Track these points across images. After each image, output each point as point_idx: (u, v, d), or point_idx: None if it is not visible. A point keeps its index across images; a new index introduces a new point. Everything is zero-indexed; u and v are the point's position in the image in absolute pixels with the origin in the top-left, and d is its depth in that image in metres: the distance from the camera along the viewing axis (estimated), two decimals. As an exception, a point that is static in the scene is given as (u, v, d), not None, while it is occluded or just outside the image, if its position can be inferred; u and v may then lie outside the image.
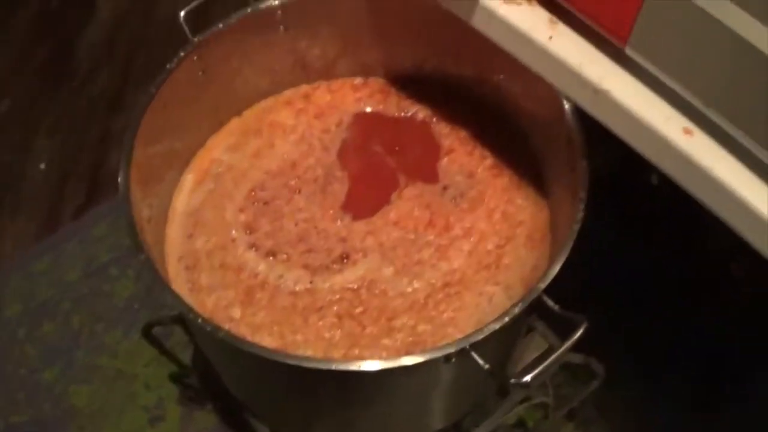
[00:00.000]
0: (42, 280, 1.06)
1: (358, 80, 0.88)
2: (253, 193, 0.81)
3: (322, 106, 0.87)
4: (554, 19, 0.68)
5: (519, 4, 0.69)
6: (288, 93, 0.88)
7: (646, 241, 0.96)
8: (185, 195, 0.82)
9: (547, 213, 0.80)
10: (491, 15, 0.69)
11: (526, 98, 0.80)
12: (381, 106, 0.87)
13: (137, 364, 1.00)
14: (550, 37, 0.67)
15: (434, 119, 0.85)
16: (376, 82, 0.88)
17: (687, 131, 0.63)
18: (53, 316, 1.03)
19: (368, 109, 0.87)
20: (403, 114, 0.86)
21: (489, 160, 0.82)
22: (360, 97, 0.87)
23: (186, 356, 0.96)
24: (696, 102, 0.62)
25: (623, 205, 0.91)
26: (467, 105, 0.85)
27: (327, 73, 0.87)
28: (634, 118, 0.64)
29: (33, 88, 1.17)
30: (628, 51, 0.64)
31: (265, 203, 0.81)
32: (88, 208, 1.10)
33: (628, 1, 0.62)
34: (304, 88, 0.88)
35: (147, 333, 0.81)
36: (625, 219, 0.94)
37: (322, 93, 0.88)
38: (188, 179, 0.83)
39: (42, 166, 1.12)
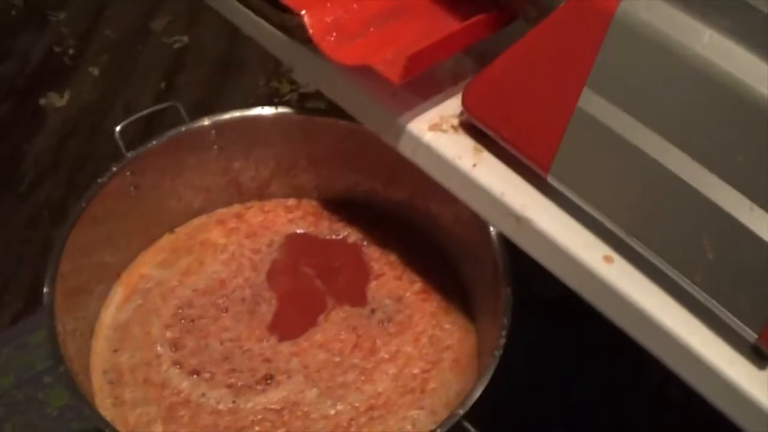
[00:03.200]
0: (-25, 385, 1.00)
1: (291, 201, 0.86)
2: (180, 311, 0.78)
3: (254, 226, 0.84)
4: (479, 146, 0.66)
5: (445, 131, 0.67)
6: (221, 212, 0.85)
7: (582, 365, 0.92)
8: (113, 309, 0.78)
9: (474, 338, 0.77)
10: (417, 142, 0.67)
11: (455, 223, 0.77)
12: (313, 228, 0.84)
13: (67, 477, 0.94)
14: (474, 165, 0.65)
15: (365, 242, 0.83)
16: (309, 204, 0.86)
17: (607, 258, 0.61)
18: (-16, 422, 0.97)
19: (300, 231, 0.84)
20: (334, 236, 0.83)
21: (418, 285, 0.80)
22: (292, 218, 0.85)
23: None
24: (616, 229, 0.60)
25: (562, 328, 0.89)
26: (398, 229, 0.83)
27: (260, 193, 0.85)
28: (555, 246, 0.62)
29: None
30: (550, 179, 0.62)
31: (192, 321, 0.77)
32: (26, 315, 1.05)
33: (551, 130, 0.61)
34: (236, 207, 0.85)
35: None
36: (562, 341, 0.91)
37: (254, 213, 0.85)
38: (117, 293, 0.79)
39: (-20, 271, 1.08)
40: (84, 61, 1.24)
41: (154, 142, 0.76)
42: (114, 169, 0.74)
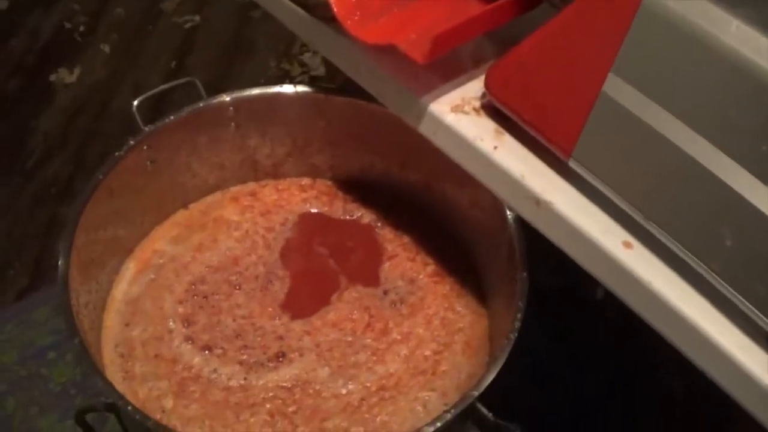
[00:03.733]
0: (-22, 361, 1.00)
1: (305, 181, 0.85)
2: (193, 287, 0.77)
3: (268, 204, 0.83)
4: (500, 129, 0.66)
5: (467, 113, 0.67)
6: (235, 189, 0.85)
7: (589, 355, 0.92)
8: (125, 283, 0.77)
9: (486, 322, 0.76)
10: (438, 123, 0.67)
11: (470, 207, 0.77)
12: (327, 208, 0.84)
13: (71, 451, 0.94)
14: (495, 147, 0.65)
15: (379, 224, 0.82)
16: (324, 184, 0.85)
17: (627, 244, 0.60)
18: (-13, 398, 0.97)
19: (314, 210, 0.83)
20: (348, 217, 0.83)
21: (431, 267, 0.79)
22: (306, 197, 0.84)
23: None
24: (636, 215, 0.59)
25: (567, 318, 0.88)
26: (413, 211, 0.83)
27: (275, 172, 0.85)
28: (575, 230, 0.62)
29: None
30: (572, 164, 0.62)
31: (205, 297, 0.76)
32: (31, 292, 1.04)
33: (574, 115, 0.61)
34: (251, 185, 0.85)
35: (80, 419, 0.75)
36: (568, 331, 0.91)
37: (269, 191, 0.84)
38: (130, 268, 0.79)
39: (-13, 247, 1.07)
40: (95, 39, 1.23)
41: (172, 117, 0.76)
42: (131, 142, 0.74)
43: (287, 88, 0.78)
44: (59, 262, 0.68)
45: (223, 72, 1.18)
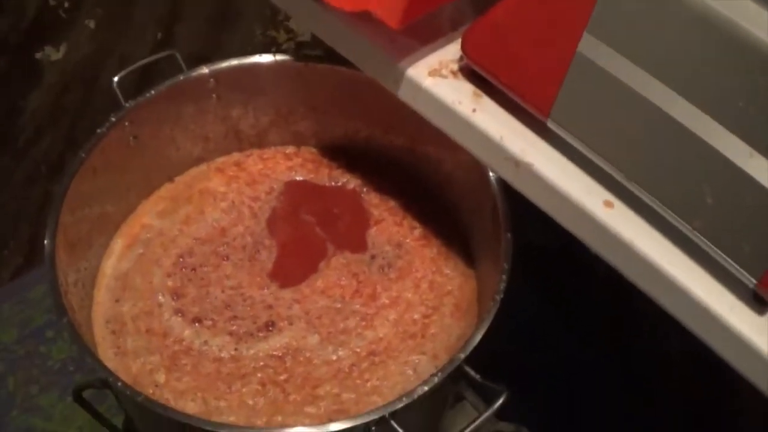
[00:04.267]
0: (-24, 342, 1.00)
1: (290, 149, 0.84)
2: (181, 260, 0.77)
3: (253, 174, 0.83)
4: (478, 92, 0.65)
5: (444, 77, 0.66)
6: (220, 160, 0.84)
7: (581, 315, 0.92)
8: (114, 259, 0.77)
9: (474, 283, 0.76)
10: (416, 88, 0.66)
11: (454, 169, 0.76)
12: (312, 175, 0.83)
13: (71, 426, 0.95)
14: (474, 110, 0.64)
15: (365, 189, 0.81)
16: (308, 152, 0.84)
17: (608, 204, 0.60)
18: (-13, 377, 0.97)
19: (299, 178, 0.82)
20: (333, 183, 0.82)
21: (418, 231, 0.79)
22: (292, 165, 0.83)
23: (120, 420, 0.90)
24: (616, 174, 0.59)
25: (559, 277, 0.88)
26: (398, 175, 0.82)
27: (259, 141, 0.84)
28: (555, 191, 0.61)
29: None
30: (550, 124, 0.61)
31: (193, 269, 0.76)
32: (26, 270, 1.04)
33: (551, 75, 0.60)
34: (236, 155, 0.84)
35: (78, 396, 0.75)
36: (560, 291, 0.90)
37: (254, 161, 0.84)
38: (118, 244, 0.78)
39: (-20, 227, 1.07)
40: (79, 14, 1.21)
41: (153, 92, 0.74)
42: (113, 119, 0.73)
43: (266, 58, 0.77)
44: (45, 242, 0.67)
45: (210, 41, 1.16)
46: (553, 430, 0.83)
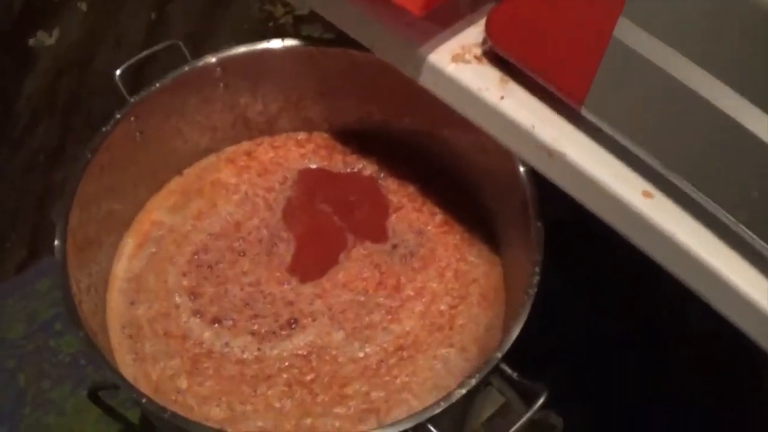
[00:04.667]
0: (-17, 338, 0.97)
1: (301, 135, 0.80)
2: (196, 257, 0.73)
3: (265, 163, 0.79)
4: (505, 77, 0.62)
5: (468, 62, 0.62)
6: (230, 150, 0.80)
7: (602, 292, 0.89)
8: (125, 260, 0.73)
9: (500, 270, 0.73)
10: (439, 74, 0.62)
11: (475, 152, 0.73)
12: (326, 162, 0.79)
13: (86, 422, 0.91)
14: (502, 97, 0.60)
15: (381, 175, 0.78)
16: (321, 137, 0.80)
17: (646, 194, 0.57)
18: (-3, 374, 0.94)
19: (313, 166, 0.79)
20: (349, 170, 0.78)
21: (439, 217, 0.75)
22: (304, 152, 0.79)
23: (134, 414, 0.88)
24: (655, 164, 0.56)
25: (579, 254, 0.85)
26: (415, 159, 0.78)
27: (269, 128, 0.80)
28: (591, 181, 0.58)
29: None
30: (584, 112, 0.58)
31: (209, 267, 0.73)
32: (30, 263, 1.00)
33: (585, 62, 0.56)
34: (246, 144, 0.80)
35: (93, 397, 0.73)
36: (580, 267, 0.87)
37: (264, 149, 0.80)
38: (128, 243, 0.74)
39: (-19, 221, 1.03)
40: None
41: (158, 85, 0.70)
42: (118, 116, 0.69)
43: (275, 43, 0.73)
44: (55, 245, 0.64)
45: (206, 18, 1.11)
46: (575, 409, 0.80)
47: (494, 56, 0.62)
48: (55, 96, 1.07)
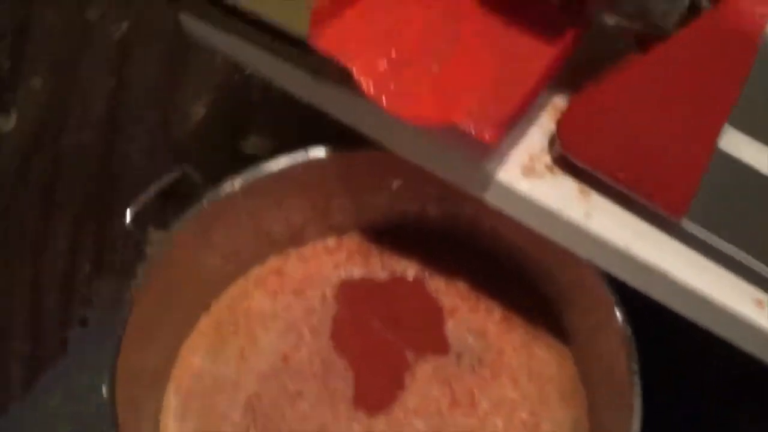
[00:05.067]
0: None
1: (330, 241, 0.72)
2: (250, 408, 0.65)
3: (297, 280, 0.70)
4: (584, 188, 0.55)
5: (540, 175, 0.55)
6: (256, 271, 0.71)
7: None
8: (173, 421, 0.65)
9: (572, 360, 0.67)
10: (510, 191, 0.55)
11: (534, 250, 0.66)
12: (364, 269, 0.71)
13: None
14: (587, 214, 0.54)
15: (426, 274, 0.70)
16: (352, 241, 0.72)
17: (759, 303, 0.52)
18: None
19: (350, 275, 0.71)
20: (391, 275, 0.71)
21: (497, 313, 0.69)
22: (337, 261, 0.71)
23: None
24: (766, 272, 0.50)
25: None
26: (458, 250, 0.71)
27: (295, 239, 0.71)
28: (698, 296, 0.53)
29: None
30: (685, 224, 0.52)
31: (266, 416, 0.65)
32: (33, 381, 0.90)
33: (684, 174, 0.50)
34: (273, 261, 0.71)
35: None
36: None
37: (294, 264, 0.71)
38: (171, 400, 0.66)
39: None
40: (22, 74, 1.04)
41: (176, 227, 0.62)
42: (140, 279, 0.60)
43: (300, 156, 0.64)
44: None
45: (167, 76, 1.01)
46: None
47: (567, 164, 0.55)
48: (29, 178, 0.95)
